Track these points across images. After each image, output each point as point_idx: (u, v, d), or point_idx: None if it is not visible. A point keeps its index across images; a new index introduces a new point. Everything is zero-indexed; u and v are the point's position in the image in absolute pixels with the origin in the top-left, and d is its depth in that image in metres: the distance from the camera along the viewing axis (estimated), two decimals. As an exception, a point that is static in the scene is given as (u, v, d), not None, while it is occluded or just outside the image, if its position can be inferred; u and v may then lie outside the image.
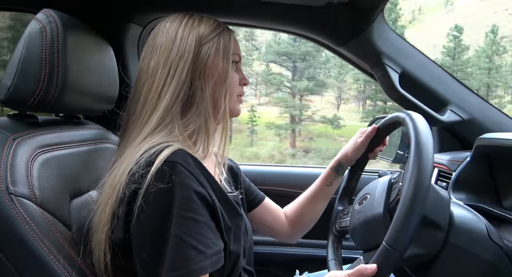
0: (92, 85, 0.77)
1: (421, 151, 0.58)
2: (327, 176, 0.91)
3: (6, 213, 0.53)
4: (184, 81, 0.64)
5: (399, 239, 0.55)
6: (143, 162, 0.56)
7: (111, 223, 0.57)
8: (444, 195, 0.67)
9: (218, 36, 0.68)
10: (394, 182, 0.70)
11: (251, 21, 1.13)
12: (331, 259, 0.82)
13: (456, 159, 0.97)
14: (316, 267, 1.01)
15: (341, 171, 0.91)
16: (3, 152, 0.57)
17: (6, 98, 0.64)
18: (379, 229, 0.66)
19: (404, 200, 0.56)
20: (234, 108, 0.72)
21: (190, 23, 0.67)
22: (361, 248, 0.74)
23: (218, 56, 0.67)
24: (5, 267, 0.52)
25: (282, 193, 1.33)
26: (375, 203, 0.69)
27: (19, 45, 0.65)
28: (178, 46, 0.65)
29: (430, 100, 1.06)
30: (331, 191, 0.92)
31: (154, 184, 0.53)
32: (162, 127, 0.62)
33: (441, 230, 0.63)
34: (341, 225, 0.84)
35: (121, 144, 0.66)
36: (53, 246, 0.55)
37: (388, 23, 1.05)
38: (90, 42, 0.79)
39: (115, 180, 0.58)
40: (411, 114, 0.67)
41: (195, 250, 0.53)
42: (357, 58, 1.11)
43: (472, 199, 0.87)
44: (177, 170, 0.55)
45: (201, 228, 0.55)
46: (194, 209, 0.55)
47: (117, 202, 0.56)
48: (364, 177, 0.94)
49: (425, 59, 1.08)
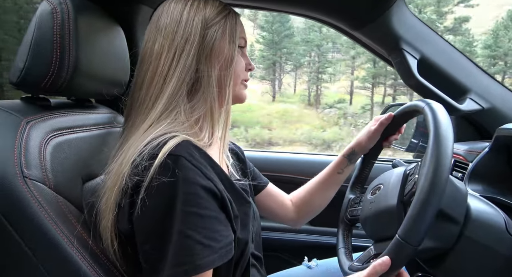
0: (103, 69, 0.77)
1: (440, 144, 0.56)
2: (339, 163, 0.90)
3: (20, 196, 0.53)
4: (190, 65, 0.62)
5: (413, 232, 0.53)
6: (146, 154, 0.55)
7: (117, 211, 0.57)
8: (461, 188, 0.64)
9: (225, 19, 0.65)
10: (409, 174, 0.68)
11: (264, 3, 1.10)
12: (340, 248, 0.82)
13: (474, 149, 0.94)
14: (325, 255, 1.01)
15: (353, 159, 0.90)
16: (17, 135, 0.57)
17: (19, 81, 0.64)
18: (391, 221, 0.65)
19: (420, 193, 0.54)
20: (240, 93, 0.71)
21: (195, 4, 0.64)
22: (372, 238, 0.73)
23: (224, 40, 0.65)
24: (20, 249, 0.53)
25: (290, 179, 1.33)
26: (388, 195, 0.68)
27: (31, 26, 0.64)
28: (183, 29, 0.63)
29: (449, 88, 1.03)
30: (341, 178, 0.91)
31: (157, 178, 0.52)
32: (168, 112, 0.61)
33: (456, 224, 0.61)
34: (352, 213, 0.84)
35: (126, 129, 0.65)
36: (67, 228, 0.56)
37: (408, 6, 1.00)
38: (101, 24, 0.77)
39: (120, 168, 0.57)
40: (431, 104, 0.64)
41: (201, 245, 0.52)
42: (374, 43, 1.07)
43: (489, 191, 0.84)
44: (181, 164, 0.53)
45: (208, 222, 0.54)
46: (199, 204, 0.54)
47: (121, 191, 0.56)
48: (376, 166, 0.92)
49: (446, 45, 1.03)
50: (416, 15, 1.02)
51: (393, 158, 1.05)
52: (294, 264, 1.03)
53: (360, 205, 0.81)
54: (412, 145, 1.29)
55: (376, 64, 17.33)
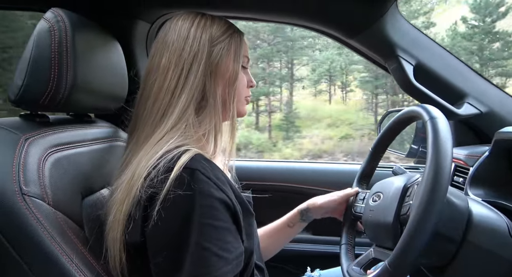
0: (101, 83, 0.77)
1: (438, 169, 0.55)
2: (292, 216, 0.91)
3: (19, 213, 0.53)
4: (198, 82, 0.64)
5: (401, 264, 0.55)
6: (161, 167, 0.55)
7: (126, 224, 0.57)
8: (460, 207, 0.63)
9: (230, 37, 0.67)
10: (408, 187, 0.68)
11: (258, 15, 1.11)
12: (343, 243, 0.83)
13: (474, 153, 0.94)
14: (328, 264, 1.00)
15: (305, 216, 0.90)
16: (16, 153, 0.57)
17: (18, 98, 0.65)
18: (388, 236, 0.66)
19: (410, 226, 0.55)
20: (241, 109, 0.73)
21: (202, 23, 0.66)
22: (372, 242, 0.74)
23: (229, 58, 0.67)
24: (19, 266, 0.53)
25: (293, 189, 1.33)
26: (386, 210, 0.68)
27: (29, 44, 0.65)
28: (191, 46, 0.64)
29: (446, 93, 1.03)
30: (292, 232, 0.91)
31: (173, 191, 0.53)
32: (178, 126, 0.62)
33: (453, 243, 0.61)
34: (356, 210, 0.84)
35: (131, 142, 0.65)
36: (66, 245, 0.56)
37: (402, 13, 1.01)
38: (99, 40, 0.79)
39: (132, 181, 0.57)
40: (429, 110, 0.64)
41: (217, 257, 0.53)
42: (370, 50, 1.08)
43: (491, 195, 0.84)
44: (197, 177, 0.54)
45: (221, 234, 0.55)
46: (214, 216, 0.54)
47: (133, 204, 0.56)
48: (377, 172, 0.92)
49: (441, 50, 1.04)
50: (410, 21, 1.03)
51: (394, 164, 1.05)
52: (296, 275, 1.02)
53: (363, 202, 0.81)
54: (412, 151, 1.29)
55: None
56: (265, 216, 1.01)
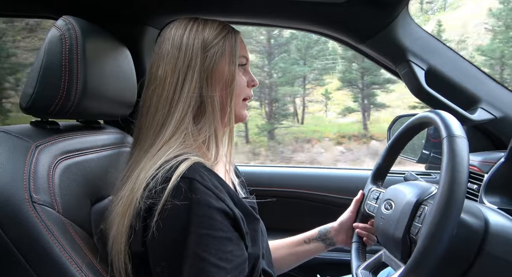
0: (111, 90, 0.78)
1: (454, 187, 0.54)
2: (309, 233, 0.91)
3: (29, 221, 0.53)
4: (194, 90, 0.63)
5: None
6: (160, 177, 0.55)
7: (128, 235, 0.57)
8: (475, 227, 0.61)
9: (224, 39, 0.67)
10: (420, 203, 0.66)
11: (268, 20, 1.11)
12: (354, 241, 0.83)
13: (489, 160, 0.92)
14: (339, 272, 0.99)
15: (324, 237, 0.89)
16: (26, 160, 0.57)
17: (29, 106, 0.65)
18: (397, 249, 0.66)
19: (418, 251, 0.54)
20: (240, 113, 0.71)
21: (194, 28, 0.66)
22: (383, 246, 0.74)
23: (224, 61, 0.66)
24: (28, 274, 0.52)
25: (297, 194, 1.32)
26: (396, 224, 0.67)
27: (40, 52, 0.66)
28: (184, 54, 0.64)
29: (459, 98, 1.01)
30: (308, 250, 0.89)
31: (171, 201, 0.53)
32: (176, 136, 0.62)
33: (467, 261, 0.59)
34: (369, 209, 0.84)
35: (134, 153, 0.65)
36: (75, 253, 0.55)
37: (413, 18, 1.00)
38: (109, 47, 0.79)
39: (132, 194, 0.57)
40: (443, 116, 0.63)
41: (215, 267, 0.53)
42: (380, 55, 1.07)
43: (507, 203, 0.82)
44: (194, 187, 0.54)
45: (220, 244, 0.54)
46: (213, 226, 0.54)
47: (134, 215, 0.56)
48: (388, 179, 0.90)
49: (453, 55, 1.02)
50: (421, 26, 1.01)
51: (406, 171, 1.03)
52: (307, 283, 1.00)
53: (376, 203, 0.80)
54: (423, 156, 1.27)
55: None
56: (273, 221, 1.00)
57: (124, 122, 0.84)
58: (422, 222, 0.62)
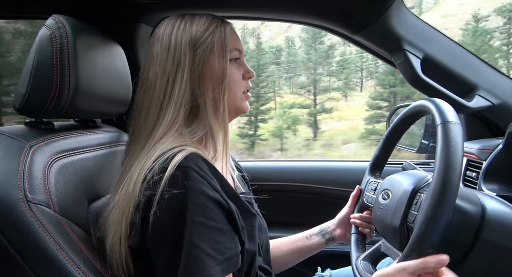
0: (104, 89, 0.77)
1: (448, 173, 0.53)
2: (311, 230, 0.91)
3: (24, 221, 0.54)
4: (184, 91, 0.63)
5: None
6: (156, 168, 0.56)
7: (129, 231, 0.57)
8: (472, 213, 0.61)
9: (212, 34, 0.65)
10: (417, 191, 0.66)
11: (262, 14, 1.10)
12: (354, 233, 0.83)
13: (487, 147, 0.91)
14: (339, 264, 0.99)
15: (324, 233, 0.90)
16: (20, 160, 0.58)
17: (22, 106, 0.65)
18: (395, 238, 0.66)
19: (414, 239, 0.55)
20: (241, 105, 0.71)
21: (182, 26, 0.65)
22: (381, 237, 0.74)
23: (213, 56, 0.65)
24: (25, 274, 0.53)
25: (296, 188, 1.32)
26: (393, 213, 0.67)
27: (31, 52, 0.65)
28: (173, 55, 0.64)
29: (455, 86, 1.00)
30: (309, 246, 0.90)
31: (168, 190, 0.53)
32: (168, 136, 0.61)
33: (465, 246, 0.59)
34: (367, 200, 0.83)
35: (129, 153, 0.65)
36: (72, 251, 0.56)
37: (407, 6, 0.99)
38: (101, 45, 0.79)
39: (129, 190, 0.57)
40: (438, 103, 0.62)
41: (207, 256, 0.53)
42: (375, 45, 1.06)
43: (506, 190, 0.81)
44: (190, 175, 0.54)
45: (213, 233, 0.54)
46: (206, 214, 0.54)
47: (134, 209, 0.56)
48: (386, 169, 0.90)
49: (449, 42, 1.01)
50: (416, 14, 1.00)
51: (403, 161, 1.03)
52: (307, 275, 1.01)
53: (375, 194, 0.80)
54: (423, 146, 1.26)
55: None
56: (274, 216, 1.00)
57: (120, 120, 0.84)
58: (419, 209, 0.62)
